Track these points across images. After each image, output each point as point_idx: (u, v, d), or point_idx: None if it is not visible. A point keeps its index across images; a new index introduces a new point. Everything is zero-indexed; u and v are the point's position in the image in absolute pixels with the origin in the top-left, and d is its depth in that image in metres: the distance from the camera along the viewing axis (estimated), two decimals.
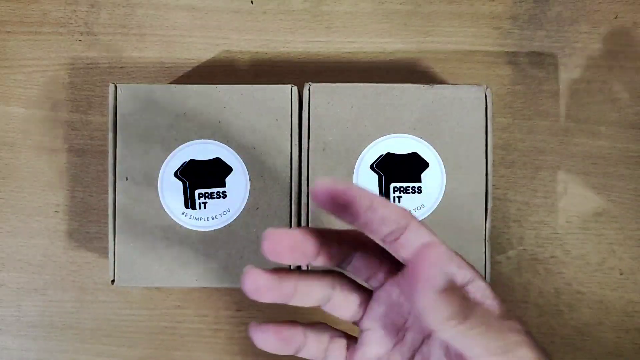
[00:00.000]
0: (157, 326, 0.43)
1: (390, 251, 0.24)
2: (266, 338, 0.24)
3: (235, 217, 0.35)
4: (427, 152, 0.35)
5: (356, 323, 0.27)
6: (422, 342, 0.25)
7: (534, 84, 0.43)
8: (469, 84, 0.36)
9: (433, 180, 0.35)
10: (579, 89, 0.43)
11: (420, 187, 0.35)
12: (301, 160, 0.35)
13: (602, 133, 0.43)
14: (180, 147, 0.35)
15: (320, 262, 0.24)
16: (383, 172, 0.35)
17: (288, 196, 0.35)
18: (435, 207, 0.35)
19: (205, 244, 0.35)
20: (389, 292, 0.26)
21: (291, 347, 0.25)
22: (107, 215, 0.35)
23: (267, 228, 0.23)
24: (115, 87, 0.35)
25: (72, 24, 0.43)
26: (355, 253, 0.25)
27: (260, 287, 0.23)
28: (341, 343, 0.27)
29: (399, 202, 0.35)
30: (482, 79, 0.43)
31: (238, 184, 0.35)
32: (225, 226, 0.35)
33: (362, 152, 0.35)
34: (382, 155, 0.35)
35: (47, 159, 0.43)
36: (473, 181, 0.35)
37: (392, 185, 0.35)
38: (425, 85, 0.35)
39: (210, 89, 0.35)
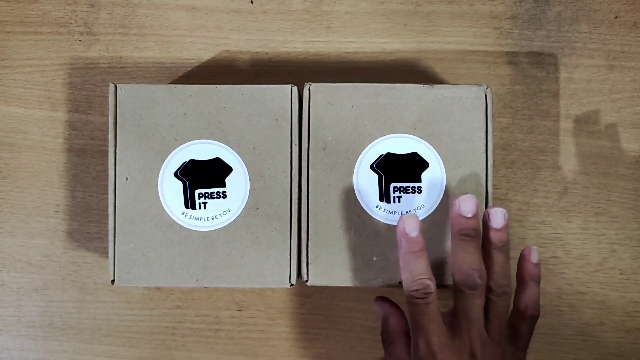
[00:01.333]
0: (157, 326, 0.43)
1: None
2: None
3: (235, 217, 0.35)
4: (427, 152, 0.35)
5: None
6: None
7: (534, 84, 0.43)
8: (469, 84, 0.35)
9: (433, 180, 0.35)
10: (579, 89, 0.43)
11: (420, 187, 0.35)
12: (301, 160, 0.35)
13: (602, 133, 0.42)
14: (180, 147, 0.35)
15: None
16: (383, 172, 0.35)
17: (288, 196, 0.35)
18: (435, 207, 0.35)
19: (205, 244, 0.35)
20: None
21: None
22: (107, 215, 0.35)
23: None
24: (115, 87, 0.35)
25: (72, 24, 0.43)
26: None
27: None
28: None
29: (399, 201, 0.35)
30: (482, 78, 0.43)
31: (238, 184, 0.35)
32: (225, 226, 0.35)
33: (362, 152, 0.35)
34: (382, 155, 0.35)
35: (47, 159, 0.43)
36: (473, 181, 0.35)
37: (392, 185, 0.35)
38: (425, 85, 0.35)
39: (210, 89, 0.35)
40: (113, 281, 0.35)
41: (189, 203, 0.35)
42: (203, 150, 0.35)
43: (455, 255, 0.32)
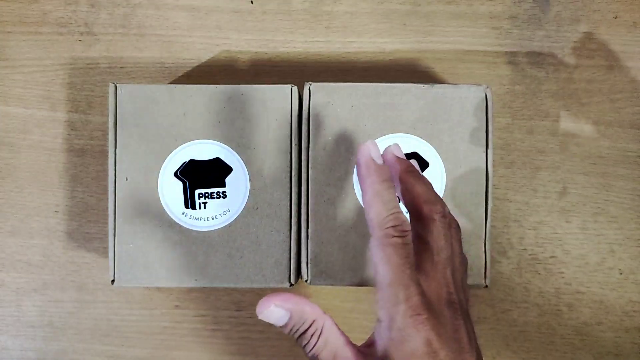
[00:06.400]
0: (157, 326, 0.43)
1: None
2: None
3: (235, 217, 0.35)
4: (427, 152, 0.35)
5: None
6: None
7: (534, 84, 0.43)
8: (469, 84, 0.36)
9: (433, 180, 0.35)
10: (579, 89, 0.43)
11: None
12: (301, 160, 0.35)
13: (601, 133, 0.43)
14: (180, 147, 0.35)
15: None
16: None
17: (288, 196, 0.35)
18: None
19: (205, 244, 0.35)
20: None
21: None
22: (107, 215, 0.35)
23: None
24: (115, 87, 0.35)
25: (72, 24, 0.43)
26: None
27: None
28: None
29: (399, 201, 0.35)
30: (482, 78, 0.43)
31: (238, 184, 0.35)
32: (225, 226, 0.35)
33: None
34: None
35: (47, 159, 0.43)
36: (473, 181, 0.35)
37: None
38: (425, 85, 0.35)
39: (210, 89, 0.35)
40: (113, 281, 0.35)
41: (189, 203, 0.35)
42: (203, 150, 0.35)
43: (411, 189, 0.27)
